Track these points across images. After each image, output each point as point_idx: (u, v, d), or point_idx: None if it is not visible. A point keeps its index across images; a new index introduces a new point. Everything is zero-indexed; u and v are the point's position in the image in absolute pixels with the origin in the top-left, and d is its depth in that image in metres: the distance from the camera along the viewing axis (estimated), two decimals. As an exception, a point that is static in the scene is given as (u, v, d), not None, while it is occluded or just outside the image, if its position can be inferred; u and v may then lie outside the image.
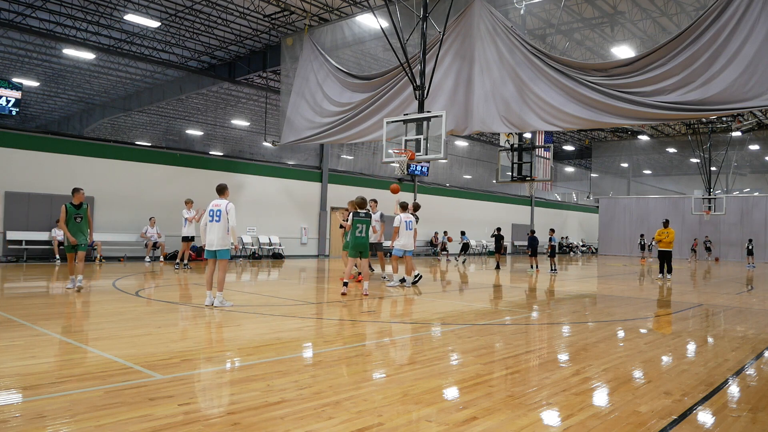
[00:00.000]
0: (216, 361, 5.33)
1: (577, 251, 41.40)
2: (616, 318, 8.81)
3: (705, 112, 10.70)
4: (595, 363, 5.51)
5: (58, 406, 3.78)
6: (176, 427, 3.45)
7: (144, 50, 20.80)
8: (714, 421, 3.92)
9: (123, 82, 24.81)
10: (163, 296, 9.87)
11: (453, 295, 11.93)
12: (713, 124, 29.72)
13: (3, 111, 17.30)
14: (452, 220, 31.27)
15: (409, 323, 7.79)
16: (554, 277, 17.16)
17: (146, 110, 28.17)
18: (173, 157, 20.79)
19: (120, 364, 4.93)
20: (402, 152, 11.26)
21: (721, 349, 6.45)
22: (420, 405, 4.03)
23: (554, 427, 3.70)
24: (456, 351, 6.01)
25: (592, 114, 10.88)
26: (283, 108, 17.55)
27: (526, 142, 17.04)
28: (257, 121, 27.56)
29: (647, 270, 22.14)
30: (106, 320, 7.38)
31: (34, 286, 11.65)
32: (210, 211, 8.46)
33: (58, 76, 24.38)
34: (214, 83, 23.60)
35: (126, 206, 19.02)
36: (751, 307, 10.77)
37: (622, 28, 18.60)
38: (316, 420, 3.64)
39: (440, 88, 12.71)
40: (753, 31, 8.99)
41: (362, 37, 16.11)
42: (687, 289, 14.45)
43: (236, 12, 17.47)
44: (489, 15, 12.18)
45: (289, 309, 8.88)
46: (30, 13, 17.49)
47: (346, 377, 4.77)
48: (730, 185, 34.66)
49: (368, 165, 28.89)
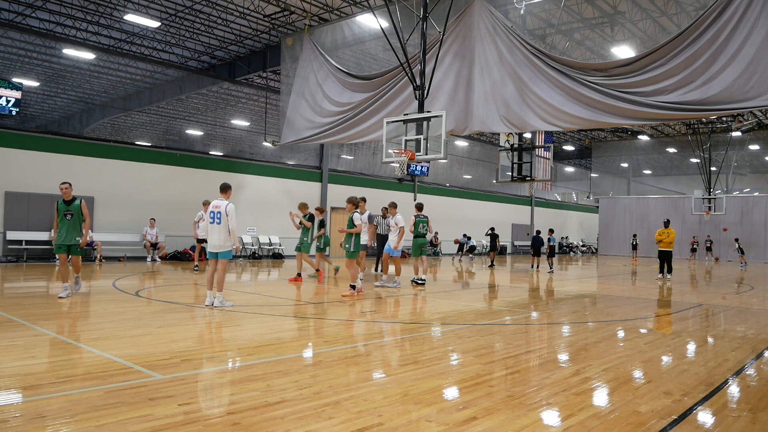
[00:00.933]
0: (216, 361, 5.33)
1: (577, 251, 41.40)
2: (616, 318, 8.81)
3: (705, 112, 10.69)
4: (595, 363, 5.51)
5: (58, 406, 3.78)
6: (176, 427, 3.45)
7: (144, 50, 20.79)
8: (714, 421, 3.92)
9: (123, 82, 24.80)
10: (163, 296, 9.87)
11: (453, 295, 11.93)
12: (713, 124, 29.72)
13: (3, 111, 17.30)
14: (452, 220, 31.28)
15: (408, 323, 7.79)
16: (551, 277, 17.27)
17: (146, 110, 28.17)
18: (173, 157, 20.79)
19: (120, 364, 4.93)
20: (402, 152, 11.26)
21: (721, 349, 6.45)
22: (420, 405, 4.03)
23: (554, 427, 3.70)
24: (456, 351, 6.01)
25: (592, 114, 10.87)
26: (283, 108, 17.54)
27: (526, 142, 17.03)
28: (257, 121, 27.56)
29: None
30: (106, 320, 7.38)
31: (34, 286, 11.64)
32: (210, 213, 8.49)
33: (58, 76, 24.38)
34: (214, 83, 23.59)
35: (126, 206, 19.03)
36: (751, 307, 10.78)
37: (622, 28, 18.60)
38: (316, 420, 3.64)
39: (440, 88, 12.70)
40: (753, 30, 8.98)
41: (362, 37, 16.10)
42: (687, 288, 14.46)
43: (236, 12, 17.47)
44: (489, 15, 12.17)
45: (289, 309, 8.89)
46: (30, 13, 17.49)
47: (346, 377, 4.76)
48: (730, 185, 34.68)
49: (368, 165, 28.89)
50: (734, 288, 15.08)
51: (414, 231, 12.90)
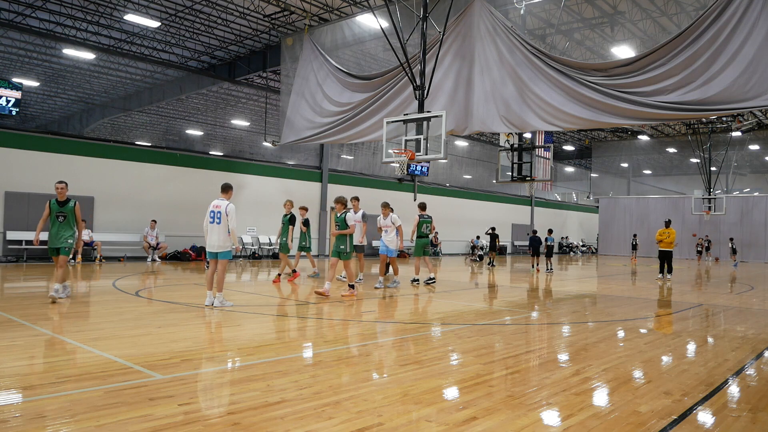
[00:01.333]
0: (216, 361, 5.33)
1: (577, 251, 41.40)
2: (616, 318, 8.81)
3: (705, 112, 10.69)
4: (595, 363, 5.51)
5: (58, 406, 3.78)
6: (176, 427, 3.44)
7: (144, 50, 20.79)
8: (714, 421, 3.92)
9: (123, 82, 24.81)
10: (163, 296, 9.86)
11: (453, 294, 11.92)
12: (713, 124, 29.72)
13: (3, 111, 17.30)
14: (452, 220, 31.28)
15: (408, 323, 7.79)
16: (550, 276, 17.32)
17: (146, 110, 28.18)
18: (173, 157, 20.79)
19: (120, 364, 4.93)
20: (402, 152, 11.25)
21: (721, 349, 6.45)
22: (420, 405, 4.02)
23: (554, 427, 3.70)
24: (456, 351, 6.01)
25: (592, 114, 10.86)
26: (283, 108, 17.54)
27: (526, 142, 17.03)
28: (257, 121, 27.56)
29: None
30: (106, 320, 7.38)
31: (34, 286, 11.64)
32: (210, 213, 8.46)
33: (58, 76, 24.38)
34: (214, 83, 23.60)
35: (126, 206, 19.03)
36: (751, 307, 10.78)
37: (622, 28, 18.60)
38: (316, 420, 3.64)
39: (440, 88, 12.70)
40: (753, 30, 8.98)
41: (362, 37, 16.10)
42: (687, 289, 14.45)
43: (236, 12, 17.47)
44: (489, 15, 12.17)
45: (289, 309, 8.88)
46: (30, 13, 17.49)
47: (346, 377, 4.76)
48: (730, 185, 34.68)
49: (368, 165, 28.90)
50: (729, 287, 15.08)
51: (417, 231, 12.83)
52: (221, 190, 8.63)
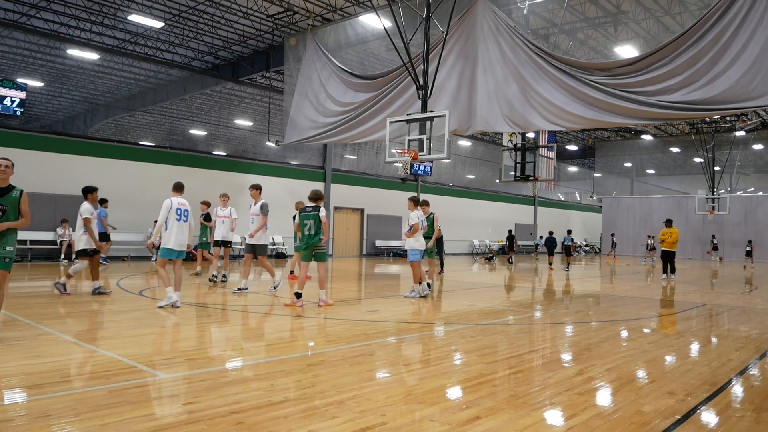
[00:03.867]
0: (219, 360, 5.34)
1: (580, 251, 41.31)
2: (619, 318, 8.79)
3: (709, 112, 10.66)
4: (599, 363, 5.50)
5: (63, 405, 3.80)
6: (180, 426, 3.46)
7: (148, 50, 20.84)
8: (718, 421, 3.92)
9: (127, 82, 24.87)
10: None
11: (455, 294, 11.92)
12: (717, 123, 29.62)
13: (7, 111, 17.35)
14: (455, 220, 31.25)
15: (412, 323, 7.80)
16: (551, 273, 17.54)
17: (150, 110, 28.24)
18: (177, 157, 20.84)
19: (124, 363, 4.95)
20: (405, 152, 11.23)
21: (724, 349, 6.43)
22: (423, 404, 4.03)
23: (557, 427, 3.70)
24: (459, 350, 6.01)
25: (595, 114, 10.84)
26: (287, 108, 17.56)
27: (529, 142, 16.98)
28: (260, 121, 27.60)
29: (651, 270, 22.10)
30: (110, 319, 7.41)
31: (39, 285, 11.68)
32: (177, 210, 8.47)
33: (63, 77, 24.46)
34: (218, 83, 23.64)
35: (130, 206, 19.07)
36: (755, 307, 10.74)
37: (626, 28, 18.56)
38: (319, 419, 3.64)
39: (443, 87, 12.69)
40: (757, 29, 8.94)
41: (365, 37, 16.11)
42: (690, 288, 14.41)
43: (240, 12, 17.50)
44: (492, 15, 12.16)
45: (292, 308, 8.89)
46: (34, 14, 17.55)
47: (349, 377, 4.77)
48: (734, 185, 34.55)
49: (371, 165, 28.90)
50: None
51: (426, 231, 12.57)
52: (177, 189, 8.75)
